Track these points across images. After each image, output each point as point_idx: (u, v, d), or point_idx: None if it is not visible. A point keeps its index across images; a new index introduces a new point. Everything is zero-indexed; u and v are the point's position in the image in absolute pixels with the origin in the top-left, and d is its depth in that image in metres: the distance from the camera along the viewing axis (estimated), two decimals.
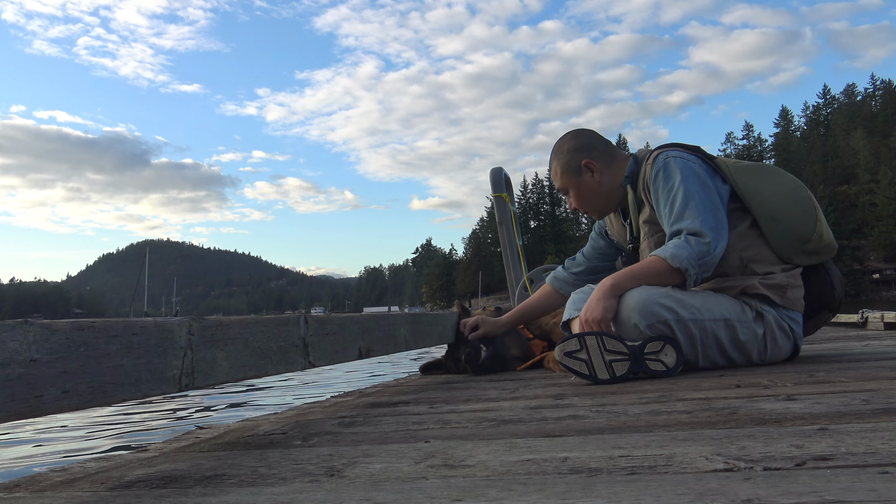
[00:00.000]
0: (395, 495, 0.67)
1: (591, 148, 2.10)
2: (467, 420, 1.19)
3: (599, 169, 2.08)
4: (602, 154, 2.10)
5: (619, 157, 2.12)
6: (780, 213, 1.91)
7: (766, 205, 1.91)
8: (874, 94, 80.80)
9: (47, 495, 0.78)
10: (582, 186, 2.11)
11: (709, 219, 1.85)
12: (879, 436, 0.80)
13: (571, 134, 2.18)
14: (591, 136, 2.16)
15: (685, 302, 1.82)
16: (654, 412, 1.12)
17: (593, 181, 2.09)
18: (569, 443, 0.90)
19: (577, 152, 2.10)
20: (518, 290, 4.72)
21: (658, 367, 1.73)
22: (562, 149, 2.14)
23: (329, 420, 1.33)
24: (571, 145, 2.12)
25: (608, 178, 2.09)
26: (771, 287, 1.88)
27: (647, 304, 1.79)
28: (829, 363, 1.84)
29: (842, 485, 0.59)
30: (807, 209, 1.92)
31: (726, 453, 0.76)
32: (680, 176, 1.90)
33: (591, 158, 2.08)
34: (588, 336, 1.69)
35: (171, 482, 0.81)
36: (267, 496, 0.70)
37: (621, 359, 1.69)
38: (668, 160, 1.94)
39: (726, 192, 1.94)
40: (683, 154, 1.96)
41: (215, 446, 1.08)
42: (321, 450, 0.97)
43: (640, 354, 1.72)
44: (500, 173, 4.65)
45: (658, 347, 1.74)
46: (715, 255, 1.83)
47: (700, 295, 1.88)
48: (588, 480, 0.68)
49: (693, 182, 1.89)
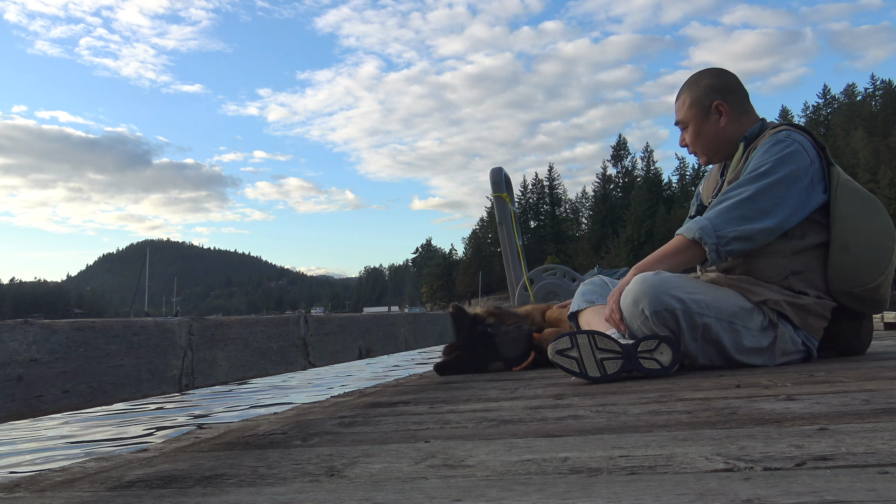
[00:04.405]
0: (395, 495, 0.67)
1: (728, 91, 2.04)
2: (467, 420, 1.19)
3: (728, 114, 2.01)
4: (737, 102, 2.03)
5: (751, 113, 2.06)
6: (855, 248, 1.83)
7: (849, 233, 1.84)
8: (874, 94, 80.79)
9: (47, 495, 0.78)
10: (704, 126, 2.05)
11: (762, 199, 1.81)
12: (879, 436, 0.80)
13: (714, 71, 2.11)
14: (733, 80, 2.08)
15: (695, 297, 1.81)
16: (654, 412, 1.12)
17: (717, 125, 2.03)
18: (569, 443, 0.89)
19: (712, 91, 2.03)
20: (518, 290, 4.71)
21: (652, 365, 1.71)
22: (699, 82, 2.07)
23: (329, 420, 1.33)
24: (710, 83, 2.05)
25: (732, 127, 2.02)
26: (796, 307, 1.83)
27: (657, 291, 1.79)
28: (829, 363, 1.84)
29: (842, 485, 0.59)
30: (880, 258, 1.84)
31: (726, 453, 0.76)
32: (783, 154, 1.85)
33: (724, 101, 2.02)
34: (580, 335, 1.69)
35: (171, 482, 0.81)
36: (267, 496, 0.70)
37: (613, 357, 1.69)
38: (789, 137, 1.88)
39: (821, 202, 1.86)
40: (805, 142, 1.89)
41: (215, 446, 1.08)
42: (321, 450, 0.97)
43: (634, 353, 1.71)
44: (500, 173, 4.64)
45: (653, 346, 1.72)
46: (745, 232, 1.79)
47: (713, 291, 1.86)
48: (588, 480, 0.68)
49: (786, 166, 1.83)
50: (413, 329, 2.06)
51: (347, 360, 1.60)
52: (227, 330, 1.13)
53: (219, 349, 1.10)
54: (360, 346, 1.65)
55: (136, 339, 0.92)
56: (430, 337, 2.23)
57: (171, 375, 0.98)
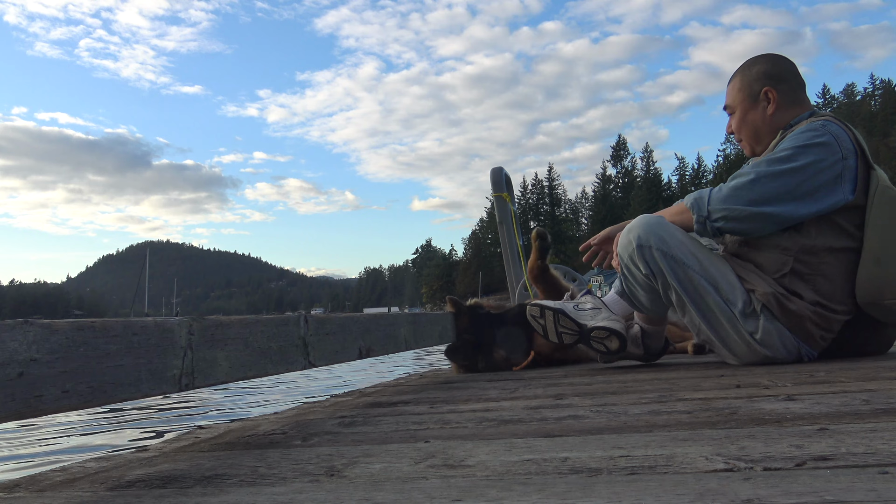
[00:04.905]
0: (395, 495, 0.67)
1: (780, 80, 1.96)
2: (467, 420, 1.19)
3: (777, 102, 1.94)
4: (788, 91, 1.95)
5: (804, 103, 1.98)
6: (888, 260, 1.73)
7: (882, 244, 1.74)
8: (874, 93, 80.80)
9: (47, 495, 0.78)
10: (750, 112, 1.98)
11: (771, 182, 1.75)
12: (879, 436, 0.80)
13: (769, 57, 2.03)
14: (788, 67, 2.00)
15: (687, 247, 1.84)
16: (654, 412, 1.12)
17: (765, 112, 1.95)
18: (569, 443, 0.89)
19: (764, 77, 1.96)
20: (518, 290, 4.71)
21: (600, 347, 2.01)
22: (752, 67, 2.00)
23: (329, 420, 1.33)
24: (763, 68, 1.98)
25: (780, 116, 1.94)
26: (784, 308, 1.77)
27: (651, 229, 1.87)
28: (829, 363, 1.84)
29: (842, 485, 0.59)
30: None
31: (726, 453, 0.76)
32: (808, 143, 1.77)
33: (775, 89, 1.94)
34: (548, 310, 2.04)
35: (171, 482, 0.81)
36: (267, 496, 0.70)
37: (571, 333, 2.03)
38: (823, 128, 1.80)
39: (844, 201, 1.76)
40: (842, 136, 1.79)
41: (215, 446, 1.08)
42: (321, 450, 0.97)
43: (588, 335, 2.00)
44: (500, 173, 4.64)
45: (604, 335, 1.98)
46: (737, 213, 1.75)
47: (709, 255, 1.86)
48: (588, 480, 0.68)
49: (809, 154, 1.76)
50: (413, 329, 2.06)
51: (347, 360, 1.60)
52: (227, 330, 1.13)
53: (219, 349, 1.10)
54: (361, 345, 1.65)
55: (136, 339, 0.92)
56: (430, 337, 2.23)
57: (171, 375, 0.98)
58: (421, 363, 7.20)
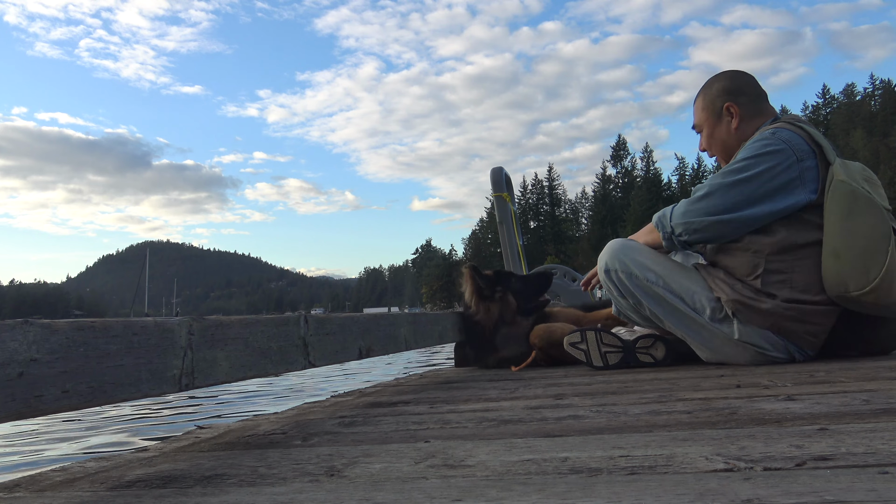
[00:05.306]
0: (395, 495, 0.67)
1: (739, 93, 2.02)
2: (467, 420, 1.19)
3: (739, 116, 2.00)
4: (749, 103, 2.01)
5: (766, 112, 2.02)
6: (845, 254, 1.74)
7: (838, 238, 1.75)
8: (874, 93, 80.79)
9: (47, 495, 0.78)
10: (717, 128, 2.05)
11: (727, 193, 1.81)
12: (879, 436, 0.80)
13: (727, 73, 2.10)
14: (746, 81, 2.07)
15: (650, 266, 1.95)
16: (655, 412, 1.12)
17: (729, 127, 2.02)
18: (569, 443, 0.89)
19: (723, 93, 2.03)
20: None
21: (647, 359, 2.01)
22: (712, 86, 2.08)
23: (329, 420, 1.33)
24: (722, 85, 2.05)
25: (745, 128, 2.00)
26: (753, 310, 1.80)
27: (614, 253, 2.00)
28: (829, 363, 1.84)
29: (842, 485, 0.59)
30: (872, 263, 1.70)
31: (726, 453, 0.76)
32: (760, 152, 1.82)
33: (735, 103, 2.01)
34: (588, 331, 2.05)
35: (171, 482, 0.81)
36: (267, 496, 0.70)
37: (615, 350, 2.01)
38: (773, 135, 1.84)
39: (805, 202, 1.79)
40: (794, 139, 1.83)
41: (215, 446, 1.08)
42: (321, 450, 0.97)
43: (632, 347, 2.01)
44: (500, 173, 4.64)
45: (649, 343, 2.01)
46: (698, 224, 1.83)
47: (674, 268, 1.95)
48: (588, 480, 0.68)
49: (762, 163, 1.80)
50: (413, 329, 2.06)
51: (347, 360, 1.60)
52: (227, 330, 1.13)
53: (219, 349, 1.10)
54: (361, 345, 1.65)
55: (137, 339, 0.92)
56: (430, 337, 2.23)
57: (171, 375, 0.98)
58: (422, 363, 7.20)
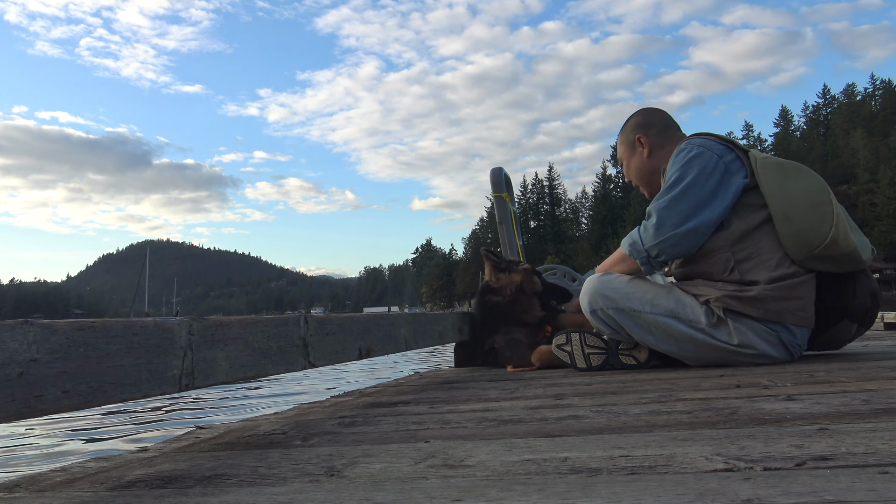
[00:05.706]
0: (395, 495, 0.67)
1: (648, 126, 2.19)
2: (467, 420, 1.19)
3: (650, 146, 2.16)
4: (658, 133, 2.18)
5: (674, 140, 2.15)
6: (795, 214, 1.85)
7: (784, 203, 1.87)
8: (874, 93, 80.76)
9: (47, 495, 0.78)
10: (632, 159, 2.22)
11: (678, 205, 1.88)
12: (879, 436, 0.80)
13: (641, 111, 2.28)
14: (656, 115, 2.24)
15: (631, 294, 1.95)
16: (654, 412, 1.12)
17: (641, 156, 2.18)
18: (569, 443, 0.90)
19: (636, 127, 2.21)
20: None
21: (630, 361, 2.03)
22: (627, 122, 2.26)
23: (329, 420, 1.33)
24: (634, 121, 2.23)
25: (656, 157, 2.15)
26: (744, 300, 1.84)
27: (593, 291, 2.01)
28: (829, 363, 1.84)
29: (842, 485, 0.59)
30: (823, 214, 1.84)
31: (726, 453, 0.76)
32: (686, 160, 1.93)
33: (645, 135, 2.17)
34: (573, 333, 2.10)
35: (171, 482, 0.81)
36: (267, 496, 0.70)
37: (598, 352, 2.06)
38: (689, 144, 1.98)
39: (742, 186, 1.91)
40: (707, 142, 1.97)
41: (215, 446, 1.08)
42: (321, 450, 0.97)
43: (615, 349, 2.04)
44: (500, 173, 4.64)
45: (632, 344, 2.02)
46: (670, 240, 1.87)
47: (653, 289, 1.96)
48: (588, 480, 0.68)
49: (692, 169, 1.91)
50: (413, 329, 2.06)
51: (347, 360, 1.60)
52: (227, 330, 1.13)
53: (219, 349, 1.10)
54: (361, 346, 1.65)
55: (136, 339, 0.92)
56: (431, 337, 2.23)
57: (171, 375, 0.98)
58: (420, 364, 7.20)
